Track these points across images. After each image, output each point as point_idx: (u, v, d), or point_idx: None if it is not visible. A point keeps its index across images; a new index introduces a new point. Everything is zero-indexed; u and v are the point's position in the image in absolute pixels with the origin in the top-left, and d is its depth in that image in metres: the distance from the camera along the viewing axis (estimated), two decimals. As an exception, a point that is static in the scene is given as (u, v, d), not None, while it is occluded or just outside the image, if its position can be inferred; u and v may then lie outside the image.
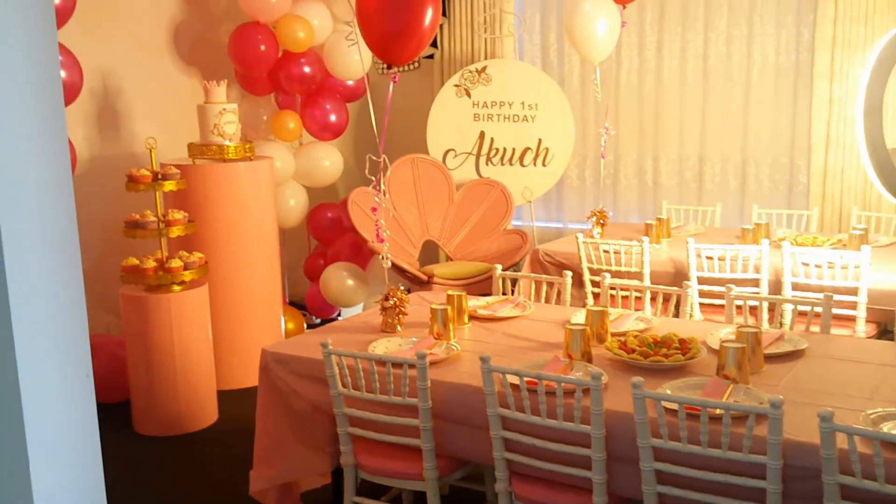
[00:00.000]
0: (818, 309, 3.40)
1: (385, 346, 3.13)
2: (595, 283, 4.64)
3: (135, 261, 4.39)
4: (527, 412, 2.56)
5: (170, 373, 4.40)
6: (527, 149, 6.18)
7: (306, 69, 5.69)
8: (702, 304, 4.45)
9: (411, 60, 3.67)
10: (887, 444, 2.12)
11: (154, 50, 5.66)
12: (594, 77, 5.63)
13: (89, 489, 1.80)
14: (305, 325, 5.94)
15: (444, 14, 6.55)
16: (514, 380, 2.62)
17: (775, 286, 4.30)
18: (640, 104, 6.25)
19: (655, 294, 3.81)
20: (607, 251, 4.63)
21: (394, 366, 2.81)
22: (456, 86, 6.22)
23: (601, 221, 5.16)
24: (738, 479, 2.27)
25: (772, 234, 4.83)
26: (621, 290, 3.93)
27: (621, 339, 3.02)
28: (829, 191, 5.58)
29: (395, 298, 3.29)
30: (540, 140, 6.16)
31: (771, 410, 2.18)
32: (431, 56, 6.72)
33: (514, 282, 4.19)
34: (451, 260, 5.90)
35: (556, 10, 6.41)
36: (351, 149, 6.86)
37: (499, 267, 4.04)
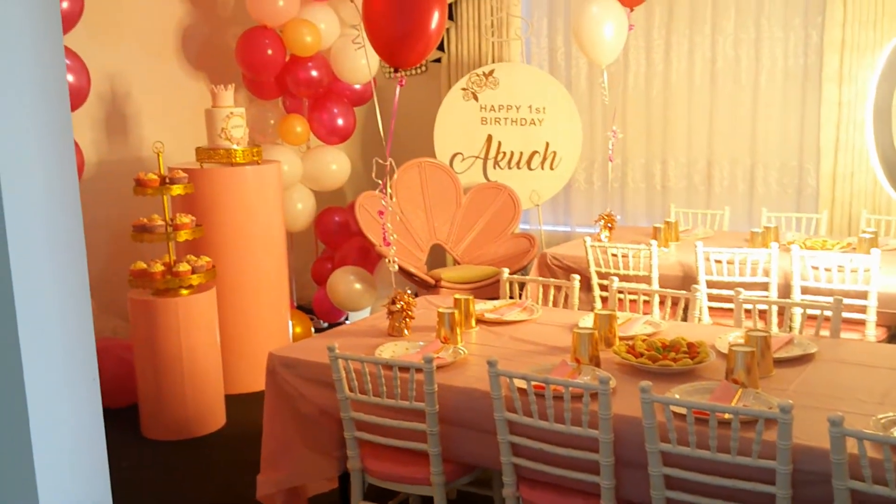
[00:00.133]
0: (828, 313, 3.37)
1: (392, 349, 3.12)
2: (603, 287, 4.63)
3: (143, 265, 4.39)
4: (534, 416, 2.55)
5: (177, 377, 4.40)
6: (534, 152, 6.17)
7: (314, 73, 5.69)
8: (711, 308, 4.43)
9: (418, 64, 3.67)
10: (898, 449, 2.10)
11: (162, 54, 5.67)
12: (602, 80, 5.62)
13: (96, 494, 1.80)
14: (313, 329, 5.94)
15: (451, 18, 6.55)
16: (522, 384, 2.61)
17: (785, 290, 4.28)
18: (648, 107, 6.24)
19: (664, 298, 3.80)
20: (615, 255, 4.62)
21: (401, 370, 2.80)
22: (463, 89, 6.21)
23: (609, 225, 5.15)
24: (747, 483, 2.25)
25: (781, 237, 4.81)
26: (629, 293, 3.91)
27: (629, 342, 3.01)
28: (838, 194, 5.56)
29: (401, 302, 3.29)
30: (547, 143, 6.15)
31: (780, 415, 2.16)
32: (439, 60, 6.72)
33: (522, 285, 4.18)
34: (459, 264, 5.90)
35: (563, 13, 6.41)
36: (358, 152, 6.86)
37: (506, 271, 4.02)
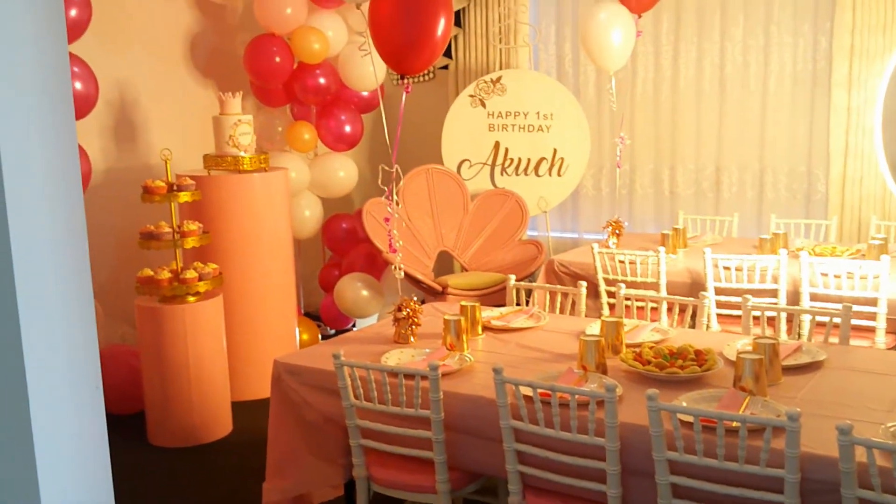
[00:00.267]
0: (837, 320, 3.35)
1: (398, 357, 3.11)
2: (611, 294, 4.61)
3: (149, 272, 4.40)
4: (540, 424, 2.53)
5: (184, 384, 4.40)
6: (542, 159, 6.16)
7: (321, 80, 5.70)
8: (719, 315, 4.40)
9: (424, 71, 3.67)
10: (908, 457, 2.08)
11: (170, 62, 5.69)
12: (609, 87, 5.61)
13: (99, 500, 1.79)
14: (320, 336, 5.93)
15: (458, 25, 6.56)
16: (528, 391, 2.60)
17: (793, 297, 4.25)
18: (657, 113, 6.23)
19: (672, 305, 3.78)
20: (623, 261, 4.60)
21: (406, 377, 2.79)
22: (471, 96, 6.21)
23: (617, 232, 5.13)
24: (755, 492, 2.23)
25: (790, 243, 4.79)
26: (637, 300, 3.89)
27: (636, 350, 2.99)
28: (847, 200, 5.53)
29: (408, 309, 3.28)
30: (555, 150, 6.14)
31: (788, 423, 2.15)
32: (446, 66, 6.72)
33: (529, 292, 4.16)
34: (466, 270, 5.89)
35: (571, 20, 6.40)
36: (366, 159, 6.87)
37: (512, 277, 4.01)
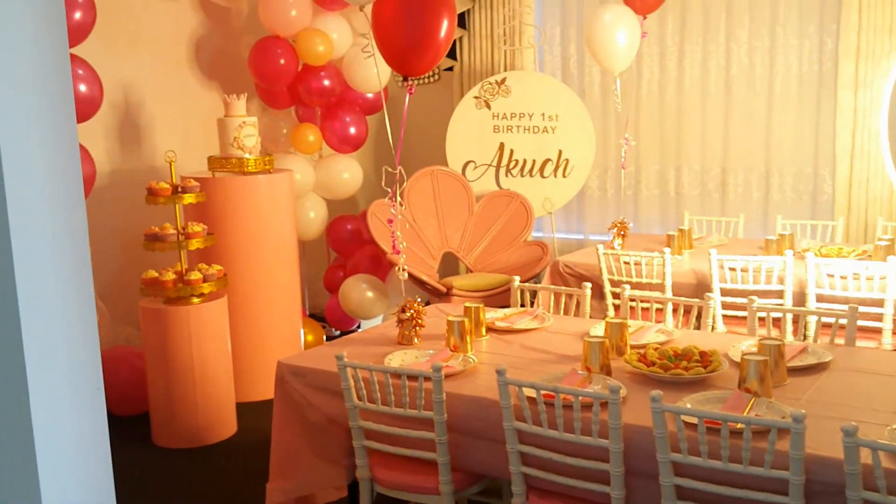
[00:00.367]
0: (843, 321, 3.33)
1: (401, 358, 3.10)
2: (616, 296, 4.59)
3: (154, 273, 4.40)
4: (544, 426, 2.52)
5: (189, 385, 4.40)
6: (547, 160, 6.15)
7: (326, 82, 5.70)
8: (725, 317, 4.39)
9: (427, 72, 3.66)
10: (914, 459, 2.07)
11: (175, 64, 5.70)
12: (615, 88, 5.60)
13: (100, 501, 1.79)
14: (325, 337, 5.93)
15: (463, 26, 6.55)
16: (531, 393, 2.59)
17: (800, 298, 4.23)
18: (662, 114, 6.21)
19: (677, 306, 3.76)
20: (628, 263, 4.59)
21: (409, 378, 2.78)
22: (476, 98, 6.21)
23: (622, 233, 5.12)
24: (759, 494, 2.21)
25: (796, 244, 4.76)
26: (642, 301, 3.88)
27: (641, 351, 2.98)
28: (854, 201, 5.51)
29: (411, 311, 3.27)
30: (560, 151, 6.13)
31: (793, 424, 2.13)
32: (451, 68, 6.72)
33: (534, 293, 4.15)
34: (471, 272, 5.88)
35: (576, 21, 6.40)
36: (371, 161, 6.87)
37: (517, 279, 4.00)
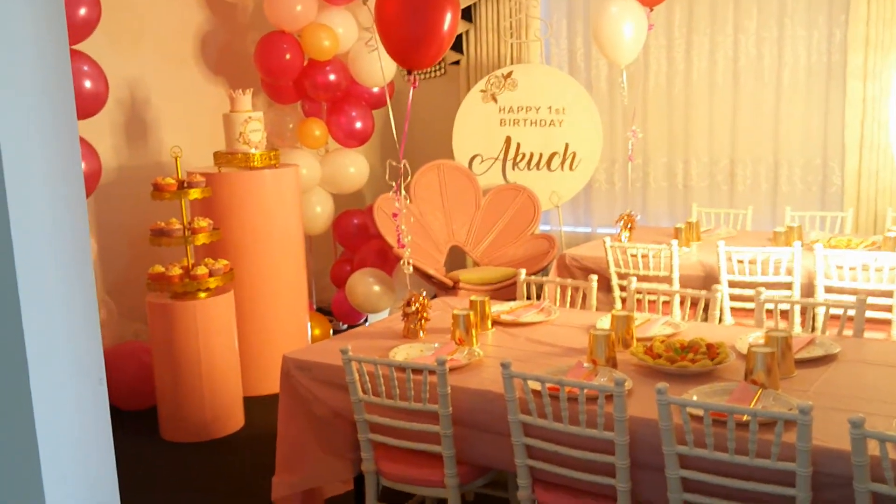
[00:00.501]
0: (851, 312, 3.31)
1: (406, 351, 3.10)
2: (623, 288, 4.58)
3: (160, 268, 4.41)
4: (549, 419, 2.51)
5: (196, 379, 4.41)
6: (554, 153, 6.13)
7: (332, 77, 5.69)
8: (733, 309, 4.36)
9: (431, 66, 3.65)
10: (922, 450, 2.05)
11: (180, 59, 5.70)
12: (621, 80, 5.58)
13: (103, 496, 1.79)
14: (332, 332, 5.93)
15: (469, 20, 6.53)
16: (536, 386, 2.58)
17: (808, 290, 4.21)
18: (670, 107, 6.18)
19: (684, 298, 3.74)
20: (635, 255, 4.57)
21: (414, 372, 2.78)
22: (482, 91, 6.19)
23: (629, 225, 5.09)
24: (766, 486, 2.20)
25: (805, 236, 4.74)
26: (649, 294, 3.86)
27: (647, 344, 2.96)
28: (863, 192, 5.47)
29: (417, 304, 3.26)
30: (567, 144, 6.11)
31: (799, 416, 2.11)
32: (457, 62, 6.70)
33: (541, 287, 4.14)
34: (478, 265, 5.87)
35: (582, 13, 6.37)
36: (377, 155, 6.86)
37: (523, 272, 3.99)
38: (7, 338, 1.55)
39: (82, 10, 4.23)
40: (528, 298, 3.97)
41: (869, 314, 3.63)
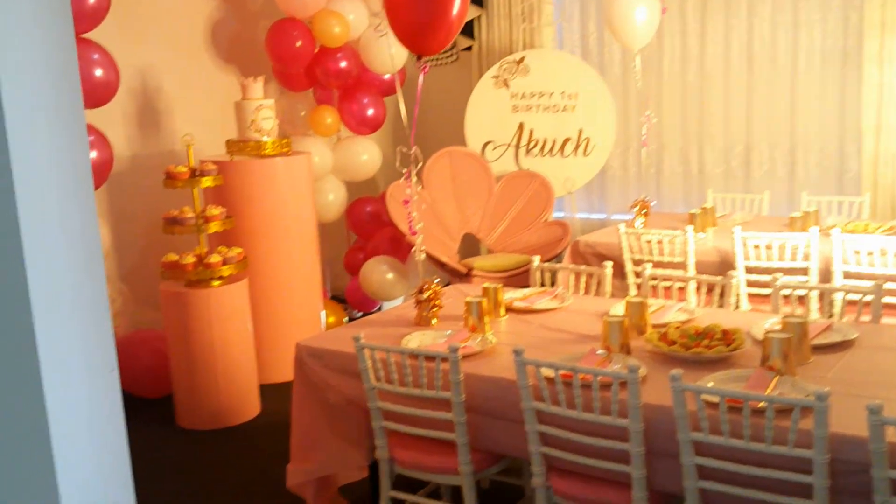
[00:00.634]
0: (869, 297, 3.27)
1: (419, 339, 3.09)
2: (638, 275, 4.55)
3: (174, 256, 4.42)
4: (562, 406, 2.50)
5: (211, 367, 4.43)
6: (567, 139, 6.09)
7: (343, 64, 5.67)
8: (750, 295, 4.33)
9: (440, 51, 3.63)
10: (941, 437, 2.02)
11: (192, 48, 5.69)
12: (634, 65, 5.53)
13: (117, 484, 1.79)
14: (346, 319, 5.93)
15: (481, 5, 6.49)
16: (549, 373, 2.56)
17: (825, 275, 4.17)
18: (684, 92, 6.13)
19: (700, 284, 3.71)
20: (650, 241, 4.54)
21: (426, 359, 2.77)
22: (494, 77, 6.15)
23: (644, 211, 5.06)
24: (783, 473, 2.18)
25: (822, 221, 4.69)
26: (664, 280, 3.83)
27: (662, 330, 2.94)
28: (881, 177, 5.41)
29: (429, 291, 3.25)
30: (580, 130, 6.07)
31: (816, 403, 2.09)
32: (469, 48, 6.66)
33: (554, 273, 4.12)
34: (492, 252, 5.85)
35: (595, -3, 6.31)
36: (389, 142, 6.84)
37: (537, 259, 3.97)
38: (18, 328, 1.55)
39: (93, -1, 4.22)
40: (542, 285, 3.95)
41: (887, 300, 3.59)
